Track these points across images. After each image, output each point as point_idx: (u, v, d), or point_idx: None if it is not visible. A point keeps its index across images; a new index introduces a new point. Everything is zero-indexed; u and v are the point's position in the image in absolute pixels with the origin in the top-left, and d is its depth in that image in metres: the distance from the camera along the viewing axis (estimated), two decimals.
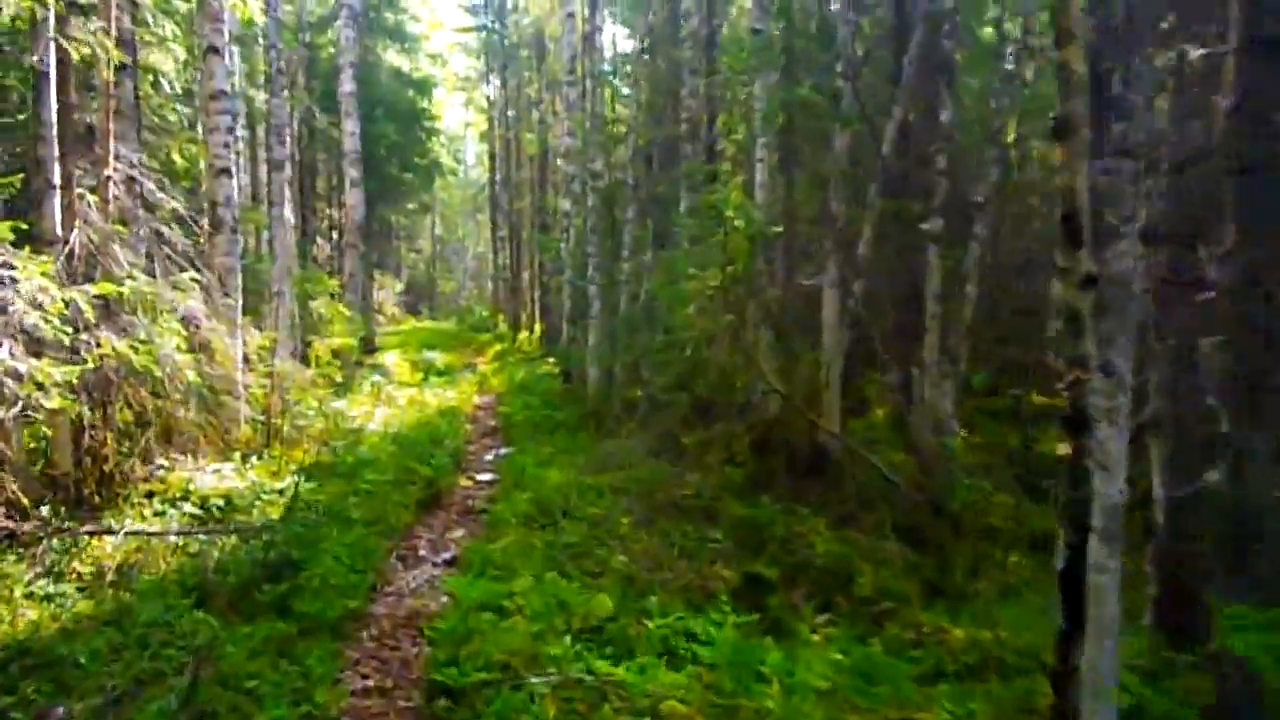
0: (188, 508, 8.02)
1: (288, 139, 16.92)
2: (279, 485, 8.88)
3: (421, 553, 8.20)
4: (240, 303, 10.66)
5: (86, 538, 6.90)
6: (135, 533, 6.92)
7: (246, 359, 10.28)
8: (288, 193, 13.39)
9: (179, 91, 13.92)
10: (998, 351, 11.48)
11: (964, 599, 6.90)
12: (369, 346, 21.76)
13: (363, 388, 15.15)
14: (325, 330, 14.17)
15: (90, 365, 6.98)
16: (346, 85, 18.41)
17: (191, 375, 8.01)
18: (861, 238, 10.08)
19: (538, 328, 32.14)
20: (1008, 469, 9.53)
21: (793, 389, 9.68)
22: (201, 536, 7.12)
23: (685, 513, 8.73)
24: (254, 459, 9.92)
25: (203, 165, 11.83)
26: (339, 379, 14.06)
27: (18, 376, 6.39)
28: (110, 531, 6.91)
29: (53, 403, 6.66)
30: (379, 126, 24.92)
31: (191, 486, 8.50)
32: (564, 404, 16.20)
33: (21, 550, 6.69)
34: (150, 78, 12.48)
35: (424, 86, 29.43)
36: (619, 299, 14.28)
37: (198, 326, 8.71)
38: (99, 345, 7.07)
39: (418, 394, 16.36)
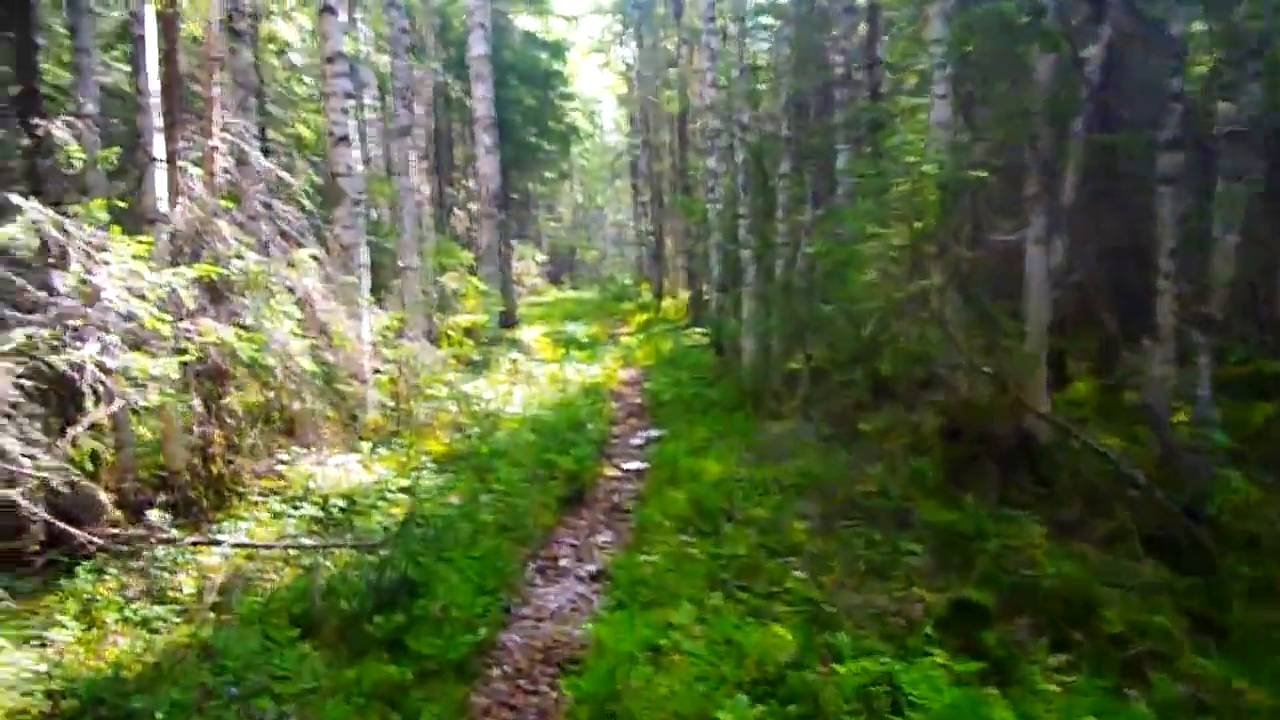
0: (306, 509, 7.26)
1: (415, 104, 16.24)
2: (406, 481, 8.05)
3: (563, 563, 7.17)
4: (366, 281, 9.89)
5: (192, 548, 6.18)
6: (242, 545, 6.14)
7: (374, 341, 9.50)
8: (414, 160, 12.60)
9: (307, 62, 13.34)
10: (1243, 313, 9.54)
11: (1248, 639, 5.33)
12: (508, 320, 21.09)
13: (500, 366, 14.36)
14: (460, 306, 13.43)
15: (192, 356, 6.22)
16: (477, 48, 17.58)
17: (306, 362, 7.19)
18: (1066, 182, 8.46)
19: (682, 295, 31.10)
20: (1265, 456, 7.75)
21: (994, 363, 8.15)
22: (314, 548, 6.29)
23: (870, 516, 7.42)
24: (382, 449, 9.17)
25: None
26: (475, 357, 13.29)
27: (108, 371, 5.66)
28: (216, 543, 6.16)
29: (153, 399, 5.92)
30: (513, 92, 24.13)
31: (312, 484, 7.76)
32: (716, 379, 15.00)
33: (125, 563, 6.02)
34: (272, 48, 11.88)
35: (558, 49, 28.48)
36: (775, 263, 12.90)
37: (313, 307, 7.90)
38: (201, 334, 6.28)
39: (558, 370, 15.48)
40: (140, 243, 5.92)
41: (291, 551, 6.24)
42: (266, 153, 11.88)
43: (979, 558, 6.25)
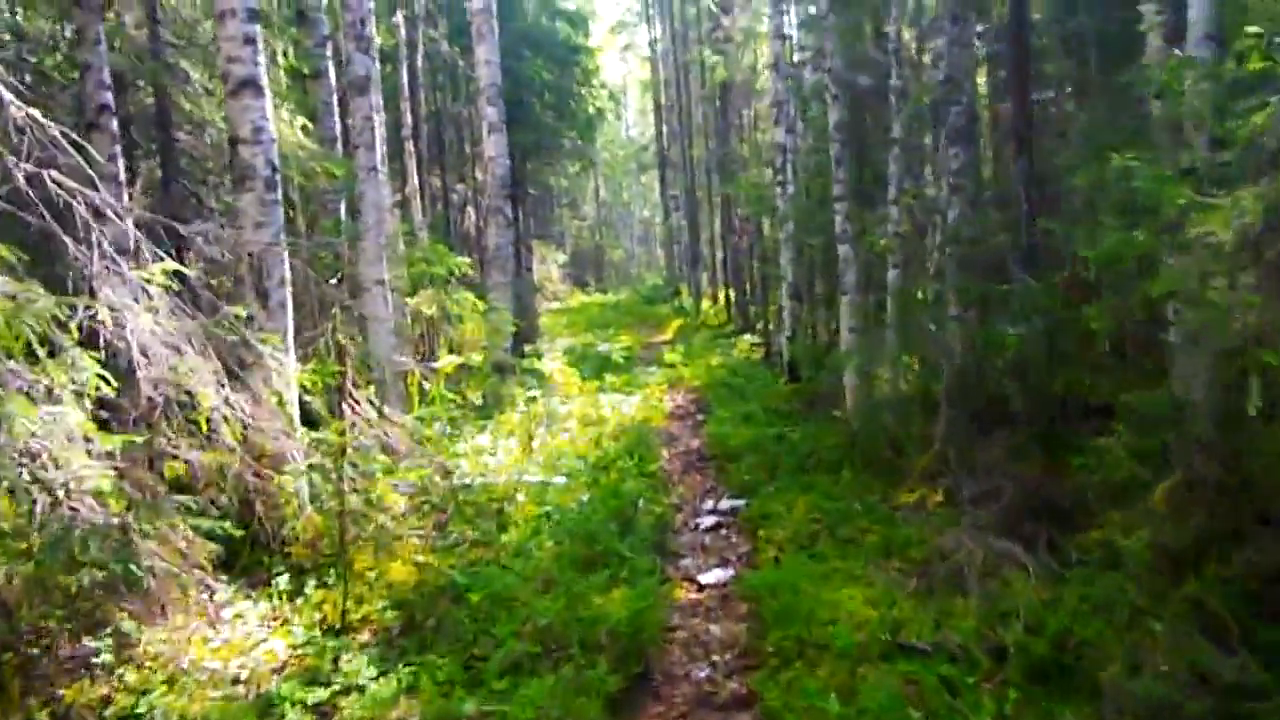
0: None
1: (401, 67, 12.71)
2: (319, 694, 4.40)
3: None
4: (286, 309, 6.27)
5: None
6: None
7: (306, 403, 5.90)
8: (379, 129, 8.89)
9: None
10: None
11: None
12: (526, 335, 17.51)
13: (514, 406, 10.71)
14: (455, 332, 9.79)
15: None
16: (478, 1, 13.99)
17: (77, 466, 3.56)
18: None
19: (722, 296, 27.50)
20: None
21: None
22: None
23: None
24: (312, 584, 5.60)
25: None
26: (477, 400, 9.66)
27: None
28: None
29: None
30: (527, 66, 20.45)
31: (148, 700, 4.15)
32: (797, 415, 11.31)
33: None
34: None
35: (577, 19, 24.77)
36: (897, 262, 9.13)
37: (141, 366, 4.29)
38: None
39: (590, 404, 11.82)
40: None
41: None
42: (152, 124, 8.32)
43: None
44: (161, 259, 5.12)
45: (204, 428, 4.72)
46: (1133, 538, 5.20)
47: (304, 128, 9.98)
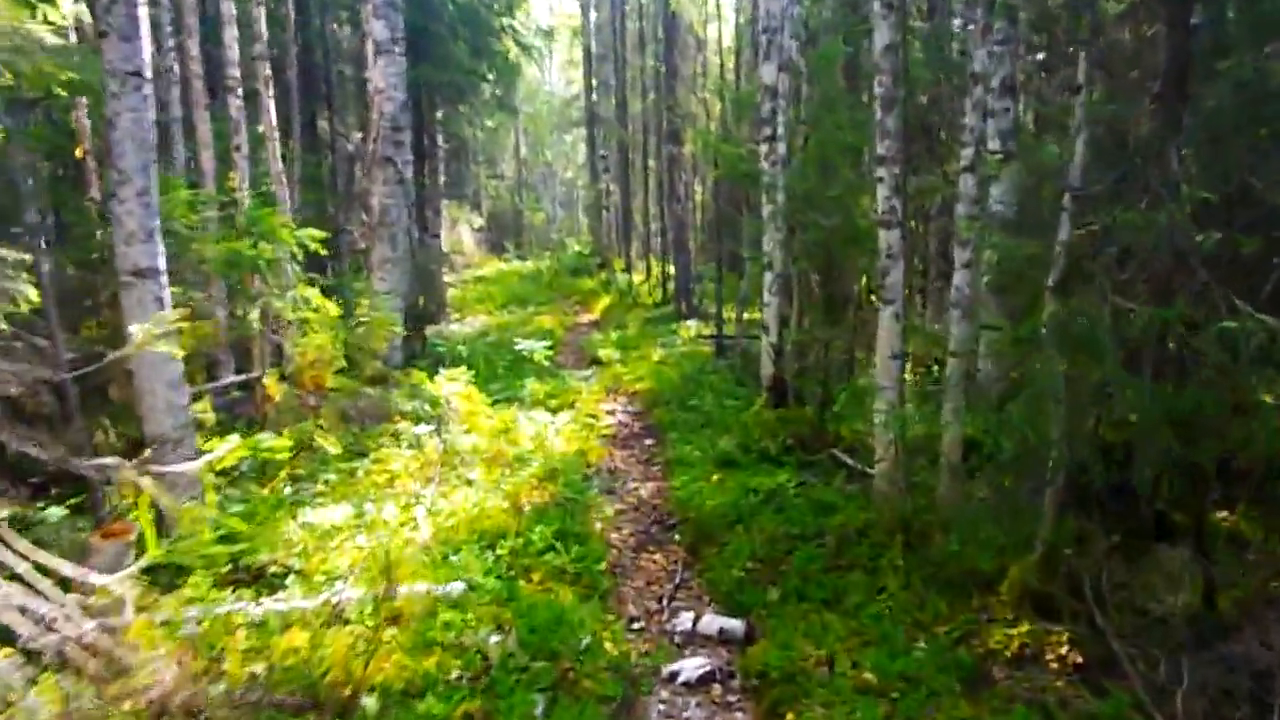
0: None
1: None
2: None
3: None
4: None
5: None
6: None
7: None
8: (144, 8, 5.33)
9: None
10: None
11: None
12: (430, 317, 14.15)
13: (396, 448, 7.41)
14: (293, 350, 6.35)
15: None
16: None
17: None
18: None
19: (654, 270, 24.34)
20: None
21: None
22: None
23: None
24: None
25: None
26: (333, 448, 6.35)
27: None
28: None
29: None
30: None
31: None
32: (792, 463, 8.22)
33: None
34: None
35: None
36: (970, 259, 6.07)
37: None
38: None
39: (505, 432, 8.60)
40: None
41: None
42: None
43: None
44: None
45: None
46: None
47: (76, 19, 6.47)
